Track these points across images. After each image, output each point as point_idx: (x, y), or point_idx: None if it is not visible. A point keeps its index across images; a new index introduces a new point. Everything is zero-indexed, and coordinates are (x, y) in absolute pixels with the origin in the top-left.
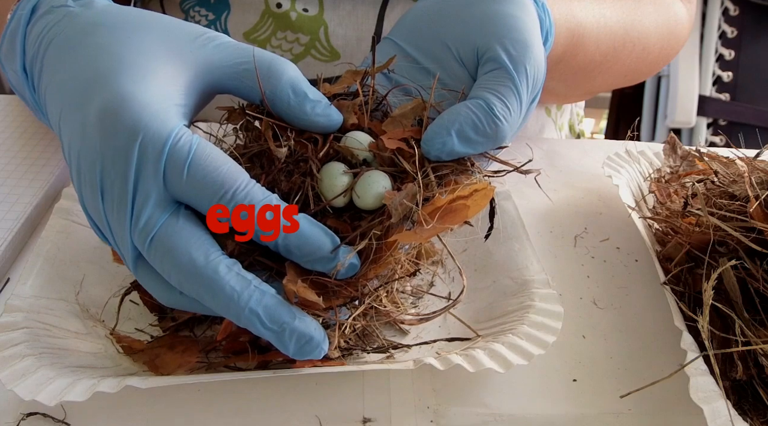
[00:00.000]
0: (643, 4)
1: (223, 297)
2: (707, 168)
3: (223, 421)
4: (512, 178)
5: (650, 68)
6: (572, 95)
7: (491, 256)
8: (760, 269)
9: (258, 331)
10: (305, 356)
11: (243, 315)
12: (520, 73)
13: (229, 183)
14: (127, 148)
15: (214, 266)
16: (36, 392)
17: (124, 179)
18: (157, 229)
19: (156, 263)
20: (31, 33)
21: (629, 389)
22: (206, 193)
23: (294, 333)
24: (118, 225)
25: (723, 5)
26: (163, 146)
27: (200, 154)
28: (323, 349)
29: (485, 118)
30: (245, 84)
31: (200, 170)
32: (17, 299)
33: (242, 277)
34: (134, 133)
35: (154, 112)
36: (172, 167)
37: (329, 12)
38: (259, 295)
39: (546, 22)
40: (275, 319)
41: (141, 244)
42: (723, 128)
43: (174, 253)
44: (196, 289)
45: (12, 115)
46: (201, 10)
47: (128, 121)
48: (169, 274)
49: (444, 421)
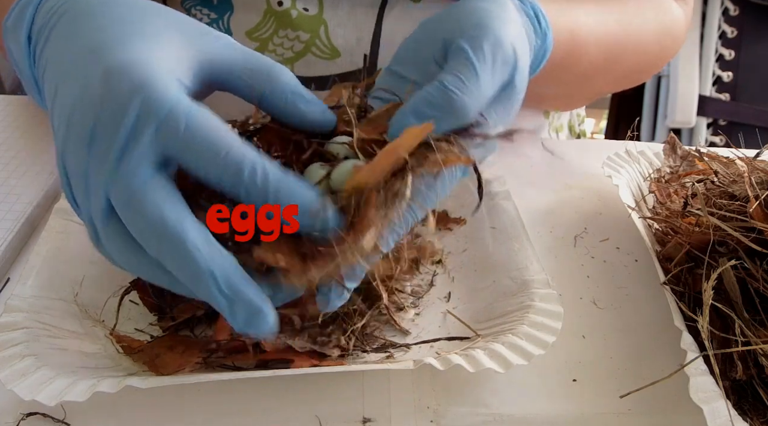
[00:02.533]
0: (641, 6)
1: (185, 255)
2: (707, 168)
3: (223, 421)
4: (512, 179)
5: (649, 69)
6: (576, 101)
7: (491, 256)
8: (760, 269)
9: (211, 296)
10: (251, 329)
11: (201, 276)
12: (477, 50)
13: (227, 140)
14: (130, 100)
15: (183, 225)
16: (36, 392)
17: (118, 128)
18: (138, 177)
19: (126, 213)
20: (44, 6)
21: (629, 389)
22: (202, 147)
23: (246, 303)
24: (99, 173)
25: (723, 5)
26: (167, 102)
27: (201, 114)
28: (271, 325)
29: (437, 93)
30: (245, 82)
31: (199, 126)
32: (17, 299)
33: (208, 240)
34: (140, 88)
35: (162, 76)
36: (172, 120)
37: (329, 12)
38: (220, 259)
39: (542, 24)
40: (231, 286)
41: (117, 191)
42: (723, 128)
43: (147, 205)
44: (160, 245)
45: (12, 115)
46: (203, 10)
47: (136, 78)
48: (136, 226)
49: (444, 421)
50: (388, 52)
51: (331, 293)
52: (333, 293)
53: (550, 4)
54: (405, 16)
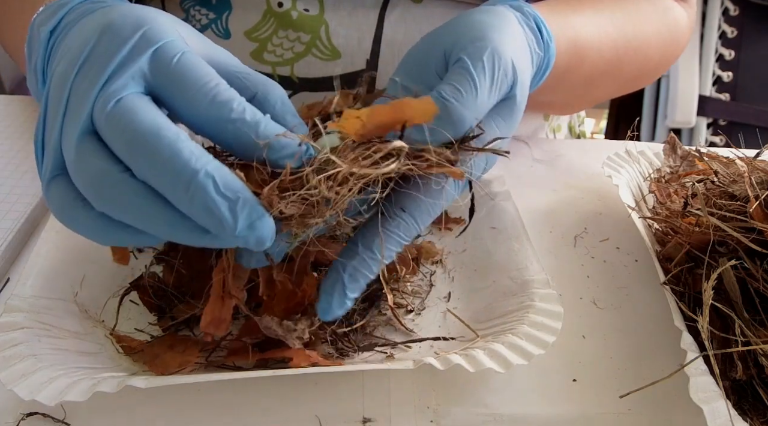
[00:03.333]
0: (643, 10)
1: (181, 159)
2: (707, 168)
3: (223, 421)
4: (512, 179)
5: (652, 74)
6: (577, 106)
7: (491, 256)
8: (760, 269)
9: (210, 200)
10: (254, 233)
11: (198, 177)
12: (476, 62)
13: (215, 77)
14: (130, 32)
15: (176, 130)
16: (36, 392)
17: (113, 53)
18: (128, 93)
19: (113, 126)
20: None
21: (629, 389)
22: (192, 79)
23: (247, 204)
24: (84, 91)
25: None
26: (163, 36)
27: (194, 54)
28: (272, 230)
29: (435, 103)
30: (242, 83)
31: (190, 62)
32: (17, 299)
33: (200, 148)
34: (140, 23)
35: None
36: (165, 53)
37: (329, 12)
38: (215, 163)
39: (545, 36)
40: (230, 186)
41: (104, 107)
42: (723, 128)
43: (137, 115)
44: (152, 152)
45: (12, 115)
46: (201, 10)
47: (137, 16)
48: (125, 139)
49: (444, 421)
50: (389, 53)
51: (333, 299)
52: (335, 300)
53: (550, 14)
54: (406, 17)
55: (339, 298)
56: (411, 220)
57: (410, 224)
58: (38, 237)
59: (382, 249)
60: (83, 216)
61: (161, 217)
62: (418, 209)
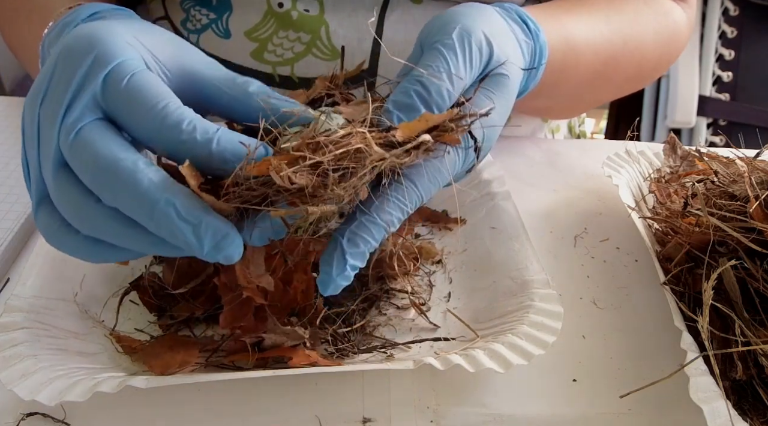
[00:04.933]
0: (640, 11)
1: (140, 189)
2: (707, 168)
3: (223, 421)
4: (512, 179)
5: (650, 75)
6: (576, 109)
7: (491, 256)
8: (760, 269)
9: (174, 227)
10: (221, 253)
11: (158, 207)
12: (444, 40)
13: (166, 98)
14: (83, 56)
15: (134, 160)
16: (36, 392)
17: (68, 82)
18: (85, 123)
19: (76, 158)
20: None
21: (629, 389)
22: (140, 102)
23: (210, 226)
24: (49, 125)
25: (723, 5)
26: (114, 58)
27: (145, 74)
28: (239, 247)
29: (409, 83)
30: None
31: (140, 83)
32: (17, 299)
33: (159, 171)
34: (91, 46)
35: (119, 41)
36: (115, 76)
37: (330, 13)
38: (176, 188)
39: (531, 26)
40: (191, 212)
41: (66, 139)
42: (723, 128)
43: (96, 147)
44: (114, 184)
45: (12, 115)
46: (202, 10)
47: (89, 38)
48: (88, 170)
49: (444, 421)
50: (389, 53)
51: (332, 268)
52: (334, 267)
53: (543, 14)
54: (406, 17)
55: (339, 264)
56: (411, 185)
57: (410, 189)
58: (38, 237)
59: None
60: (70, 240)
61: (141, 239)
62: (418, 174)
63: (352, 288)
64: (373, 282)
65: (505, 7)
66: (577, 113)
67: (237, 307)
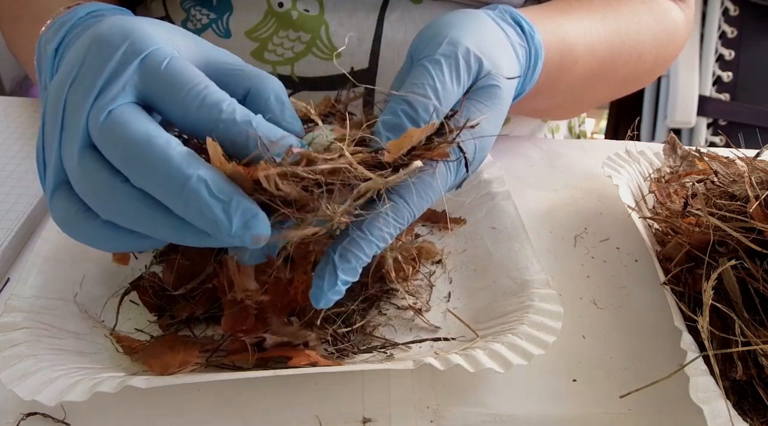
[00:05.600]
0: (638, 11)
1: (173, 165)
2: (707, 168)
3: (223, 421)
4: (512, 179)
5: (648, 75)
6: (575, 110)
7: (491, 256)
8: (760, 269)
9: (204, 204)
10: (249, 233)
11: (190, 182)
12: (430, 55)
13: (204, 80)
14: (117, 44)
15: (167, 138)
16: (36, 392)
17: (102, 65)
18: (117, 105)
19: (107, 138)
20: (78, 25)
21: (629, 389)
22: (181, 83)
23: (240, 204)
24: (78, 106)
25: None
26: (149, 45)
27: (181, 60)
28: (268, 228)
29: (396, 103)
30: (229, 83)
31: (178, 66)
32: (17, 299)
33: (192, 153)
34: (127, 33)
35: (153, 31)
36: (153, 59)
37: (330, 13)
38: (207, 166)
39: (525, 28)
40: (223, 189)
41: (96, 119)
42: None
43: (128, 125)
44: (145, 161)
45: (12, 115)
46: (202, 10)
47: (123, 27)
48: (119, 147)
49: (444, 421)
50: (389, 53)
51: (324, 282)
52: (326, 282)
53: (539, 15)
54: (406, 17)
55: (330, 279)
56: (402, 201)
57: (401, 206)
58: (38, 237)
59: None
60: (88, 226)
61: (164, 222)
62: (408, 191)
63: (352, 288)
64: (373, 282)
65: (499, 9)
66: (576, 114)
67: (237, 311)
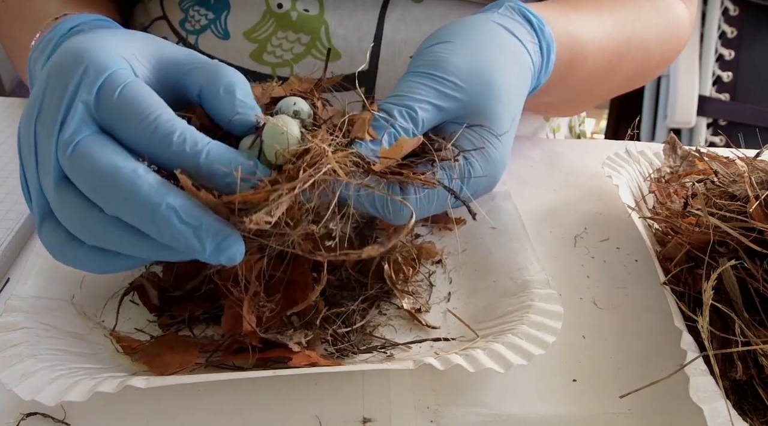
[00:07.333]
0: (644, 8)
1: (141, 195)
2: (707, 168)
3: (223, 421)
4: (512, 179)
5: (653, 71)
6: (580, 106)
7: (491, 256)
8: (760, 269)
9: (175, 230)
10: (223, 254)
11: (160, 211)
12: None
13: (158, 109)
14: (72, 71)
15: (133, 167)
16: (36, 392)
17: (61, 97)
18: (82, 137)
19: (76, 171)
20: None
21: (629, 389)
22: (133, 113)
23: (211, 228)
24: (46, 141)
25: (723, 5)
26: (104, 70)
27: (137, 84)
28: (241, 247)
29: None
30: (184, 81)
31: (132, 94)
32: (17, 299)
33: (159, 179)
34: (80, 59)
35: (106, 52)
36: (107, 88)
37: (329, 13)
38: (175, 193)
39: (535, 23)
40: (192, 214)
41: (64, 154)
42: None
43: (95, 158)
44: (115, 193)
45: (12, 116)
46: (200, 10)
47: (78, 52)
48: (88, 181)
49: (444, 421)
50: (389, 52)
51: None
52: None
53: (550, 11)
54: (406, 17)
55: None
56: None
57: None
58: (38, 237)
59: None
60: (76, 253)
61: (144, 245)
62: (409, 199)
63: (353, 288)
64: (373, 282)
65: (505, 7)
66: (581, 110)
67: (237, 312)
